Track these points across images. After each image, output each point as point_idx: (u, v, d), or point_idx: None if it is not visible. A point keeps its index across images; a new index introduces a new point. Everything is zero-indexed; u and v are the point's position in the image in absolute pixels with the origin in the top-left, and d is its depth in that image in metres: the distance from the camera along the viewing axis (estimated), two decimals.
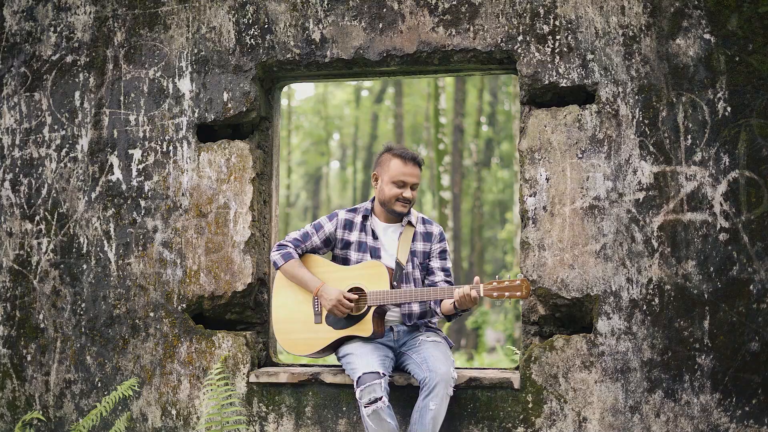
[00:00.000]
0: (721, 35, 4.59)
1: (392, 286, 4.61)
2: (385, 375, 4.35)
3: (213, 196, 5.11)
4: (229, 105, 5.12)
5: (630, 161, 4.63)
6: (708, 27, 4.60)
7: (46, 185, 5.32)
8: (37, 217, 5.32)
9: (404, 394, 4.69)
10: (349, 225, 4.84)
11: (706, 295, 4.52)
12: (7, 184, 5.37)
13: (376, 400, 4.27)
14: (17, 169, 5.37)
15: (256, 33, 5.13)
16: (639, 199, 4.61)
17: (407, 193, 4.72)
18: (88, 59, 5.33)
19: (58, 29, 5.39)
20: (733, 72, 4.56)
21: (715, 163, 4.55)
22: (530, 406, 4.65)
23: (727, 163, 4.54)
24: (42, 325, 5.26)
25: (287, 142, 31.97)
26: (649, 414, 4.53)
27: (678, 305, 4.54)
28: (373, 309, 4.60)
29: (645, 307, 4.57)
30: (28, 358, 5.26)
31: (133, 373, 5.10)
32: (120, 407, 5.10)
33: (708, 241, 4.53)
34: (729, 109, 4.55)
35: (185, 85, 5.19)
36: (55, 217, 5.29)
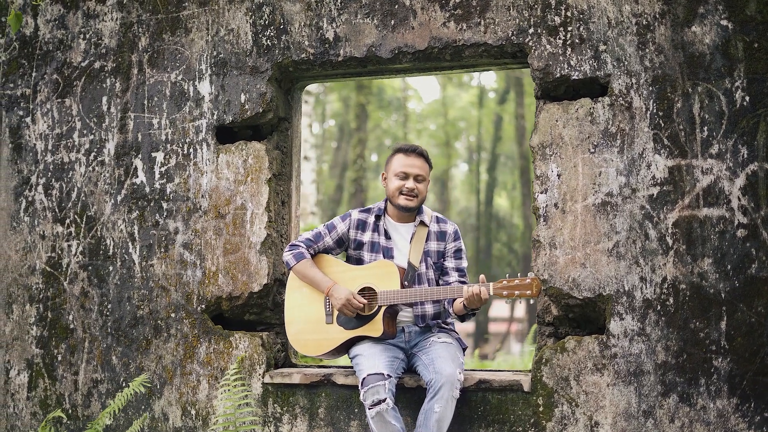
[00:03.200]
0: (739, 21, 4.35)
1: (403, 286, 4.55)
2: (390, 376, 4.29)
3: (231, 198, 5.14)
4: (246, 106, 5.14)
5: (644, 155, 4.44)
6: (725, 13, 4.37)
7: (75, 189, 5.44)
8: (68, 220, 5.44)
9: (415, 396, 4.62)
10: (362, 225, 4.80)
11: (723, 295, 4.29)
12: (40, 188, 5.52)
13: (379, 402, 4.21)
14: (49, 173, 5.51)
15: (272, 34, 5.13)
16: (653, 194, 4.42)
17: (410, 184, 4.64)
18: (114, 65, 5.44)
19: (87, 36, 5.51)
20: (752, 59, 4.32)
21: (732, 156, 4.32)
22: (541, 409, 4.50)
23: (745, 156, 4.30)
24: (71, 326, 5.38)
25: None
26: (663, 419, 4.33)
27: (693, 305, 4.33)
28: (383, 309, 4.54)
29: (659, 308, 4.37)
30: (59, 358, 5.40)
31: (155, 373, 5.18)
32: (143, 407, 5.18)
33: (725, 238, 4.31)
34: (747, 98, 4.31)
35: (205, 88, 5.24)
36: (84, 219, 5.41)
